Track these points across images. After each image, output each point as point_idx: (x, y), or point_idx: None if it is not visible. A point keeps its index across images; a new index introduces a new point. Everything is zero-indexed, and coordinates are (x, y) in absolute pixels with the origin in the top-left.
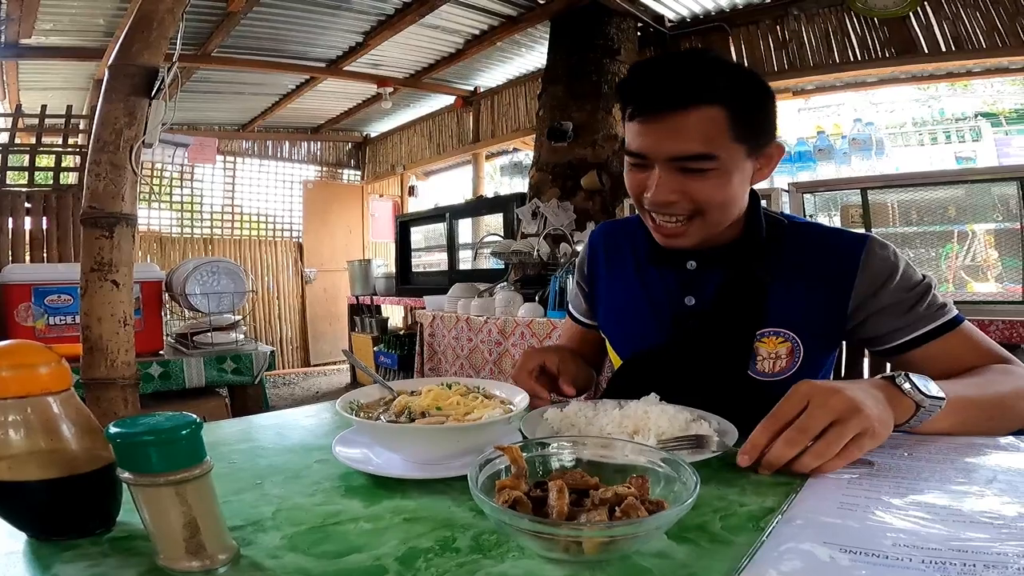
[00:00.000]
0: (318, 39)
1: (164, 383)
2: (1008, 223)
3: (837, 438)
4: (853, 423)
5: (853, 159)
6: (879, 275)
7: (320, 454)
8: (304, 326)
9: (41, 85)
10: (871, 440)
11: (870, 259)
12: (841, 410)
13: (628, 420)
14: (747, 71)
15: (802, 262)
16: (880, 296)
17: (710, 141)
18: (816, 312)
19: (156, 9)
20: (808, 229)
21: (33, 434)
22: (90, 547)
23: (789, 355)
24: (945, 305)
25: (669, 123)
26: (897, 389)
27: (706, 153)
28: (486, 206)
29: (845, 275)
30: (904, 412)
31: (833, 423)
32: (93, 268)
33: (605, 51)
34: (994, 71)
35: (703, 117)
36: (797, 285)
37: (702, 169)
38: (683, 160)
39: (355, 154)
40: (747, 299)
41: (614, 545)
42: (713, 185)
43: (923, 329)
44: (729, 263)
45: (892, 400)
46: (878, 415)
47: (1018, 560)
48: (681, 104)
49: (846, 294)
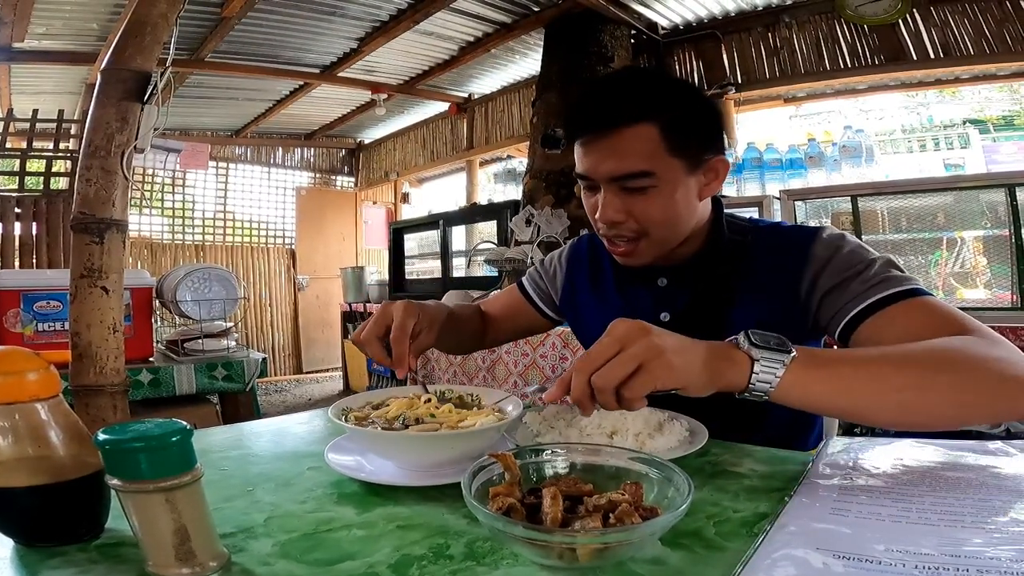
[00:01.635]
0: (312, 45)
1: (154, 390)
2: (996, 230)
3: (618, 362)
4: (638, 346)
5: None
6: (821, 259)
7: (312, 461)
8: (296, 333)
9: (33, 89)
10: (660, 367)
11: (816, 247)
12: (629, 338)
13: (606, 421)
14: (683, 85)
15: (766, 265)
16: (821, 280)
17: (645, 158)
18: (780, 316)
19: (150, 14)
20: (771, 231)
21: (20, 441)
22: (78, 554)
23: None
24: (895, 279)
25: (605, 143)
26: (729, 344)
27: (643, 171)
28: (480, 213)
29: (796, 269)
30: (735, 366)
31: (620, 351)
32: (83, 274)
33: (599, 58)
34: (982, 78)
35: (636, 135)
36: (763, 290)
37: (642, 187)
38: (622, 179)
39: (348, 161)
40: (715, 310)
41: (608, 552)
42: (655, 203)
43: (861, 304)
44: (698, 276)
45: (715, 349)
46: (672, 345)
47: (1011, 565)
48: (613, 124)
49: (797, 288)
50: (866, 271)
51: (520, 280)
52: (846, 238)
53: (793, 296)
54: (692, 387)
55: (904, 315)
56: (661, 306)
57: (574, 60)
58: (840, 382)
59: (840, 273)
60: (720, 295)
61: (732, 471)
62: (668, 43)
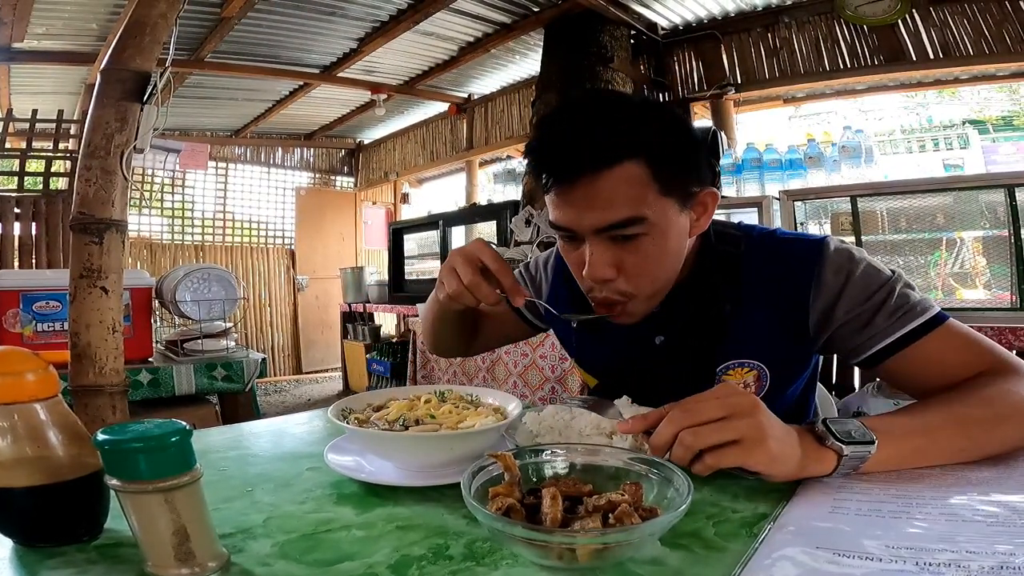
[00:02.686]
0: (312, 45)
1: (154, 390)
2: (996, 230)
3: (719, 429)
4: (745, 422)
5: (843, 167)
6: (833, 289)
7: (311, 462)
8: (296, 333)
9: (32, 89)
10: (759, 451)
11: (823, 272)
12: (738, 410)
13: (605, 422)
14: (666, 112)
15: (762, 281)
16: (836, 312)
17: (636, 202)
18: (779, 336)
19: (149, 14)
20: (766, 242)
21: (19, 441)
22: (77, 554)
23: (756, 381)
24: (917, 306)
25: (587, 190)
26: (814, 438)
27: (633, 217)
28: (479, 214)
29: (801, 289)
30: (824, 460)
31: (724, 418)
32: (82, 274)
33: (599, 59)
34: (981, 78)
35: (622, 176)
36: (759, 309)
37: (634, 235)
38: (611, 229)
39: (348, 161)
40: (707, 333)
41: (608, 552)
42: (649, 251)
43: (889, 338)
44: (691, 298)
45: (807, 445)
46: (776, 433)
47: (1012, 560)
48: (593, 167)
49: (804, 310)
50: (887, 301)
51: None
52: (854, 258)
53: (798, 317)
54: (777, 476)
55: (937, 349)
56: (655, 330)
57: (574, 60)
58: (913, 456)
59: (859, 304)
60: (715, 314)
61: (732, 471)
62: (668, 43)
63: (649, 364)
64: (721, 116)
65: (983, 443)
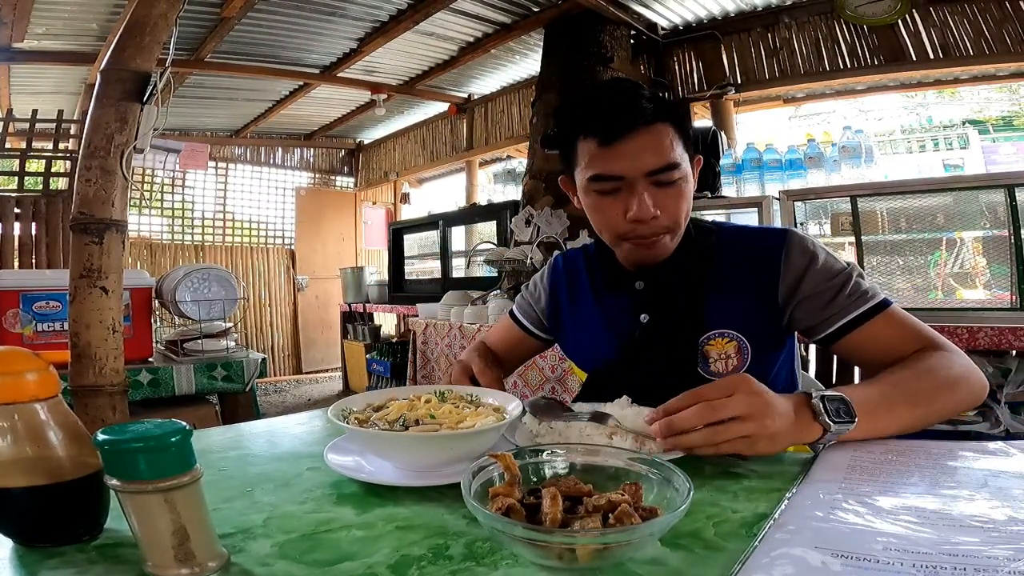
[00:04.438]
0: (312, 45)
1: (154, 390)
2: (996, 230)
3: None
4: (758, 424)
5: (843, 167)
6: (799, 267)
7: (311, 462)
8: (296, 334)
9: (32, 89)
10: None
11: (790, 253)
12: (753, 411)
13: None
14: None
15: (734, 264)
16: (802, 287)
17: (673, 153)
18: (754, 312)
19: (149, 14)
20: (735, 232)
21: (19, 441)
22: (77, 554)
23: (737, 353)
24: (868, 292)
25: (640, 141)
26: (811, 413)
27: (673, 163)
28: (479, 214)
29: (770, 271)
30: (811, 433)
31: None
32: (82, 274)
33: (599, 59)
34: (981, 78)
35: (662, 132)
36: (733, 287)
37: (672, 180)
38: (658, 172)
39: (348, 161)
40: (688, 307)
41: (608, 552)
42: (681, 196)
43: (847, 317)
44: (672, 278)
45: (801, 420)
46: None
47: (1008, 564)
48: (645, 122)
49: (774, 290)
50: (846, 285)
51: (512, 310)
52: (817, 245)
53: (769, 296)
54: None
55: (884, 329)
56: (640, 308)
57: (574, 61)
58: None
59: (822, 283)
60: (694, 294)
61: (731, 471)
62: (668, 43)
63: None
64: (721, 116)
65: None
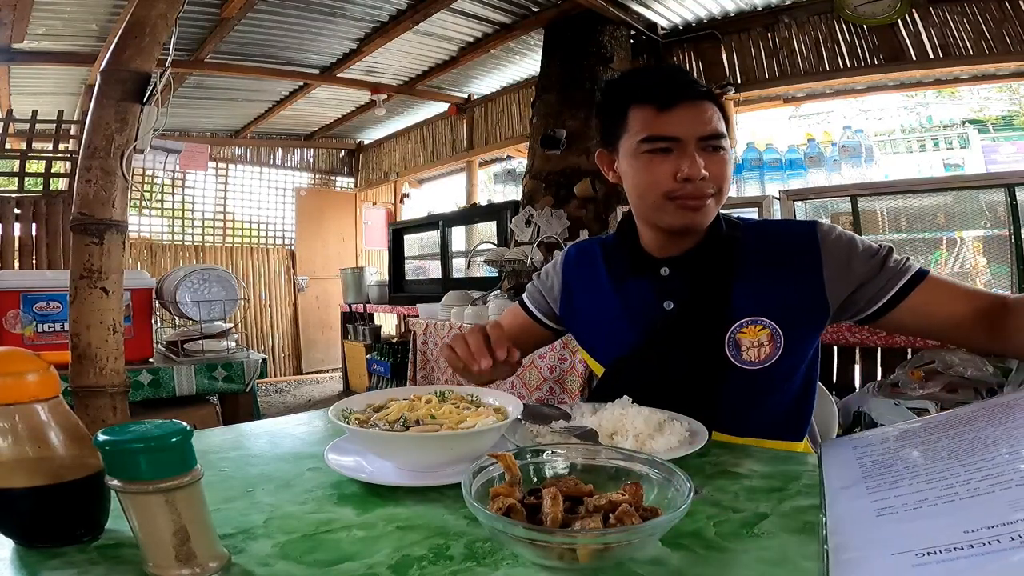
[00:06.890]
0: (312, 45)
1: (154, 391)
2: (996, 230)
3: None
4: None
5: (843, 166)
6: (841, 252)
7: (312, 462)
8: (296, 334)
9: (32, 90)
10: None
11: (827, 241)
12: None
13: (606, 423)
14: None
15: (764, 253)
16: (853, 270)
17: (720, 125)
18: (790, 298)
19: (149, 14)
20: (762, 225)
21: (20, 442)
22: (77, 555)
23: (771, 341)
24: (908, 259)
25: (697, 109)
26: None
27: (722, 133)
28: (479, 214)
29: (809, 262)
30: None
31: None
32: (82, 275)
33: (599, 59)
34: (981, 78)
35: (710, 108)
36: (764, 275)
37: (719, 147)
38: (710, 139)
39: (348, 161)
40: (717, 294)
41: (608, 552)
42: (725, 164)
43: (898, 285)
44: (700, 263)
45: None
46: None
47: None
48: (697, 95)
49: (819, 278)
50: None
51: (521, 298)
52: (847, 231)
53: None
54: None
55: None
56: (664, 295)
57: (574, 61)
58: None
59: (867, 264)
60: (723, 281)
61: (732, 471)
62: (668, 43)
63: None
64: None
65: None
